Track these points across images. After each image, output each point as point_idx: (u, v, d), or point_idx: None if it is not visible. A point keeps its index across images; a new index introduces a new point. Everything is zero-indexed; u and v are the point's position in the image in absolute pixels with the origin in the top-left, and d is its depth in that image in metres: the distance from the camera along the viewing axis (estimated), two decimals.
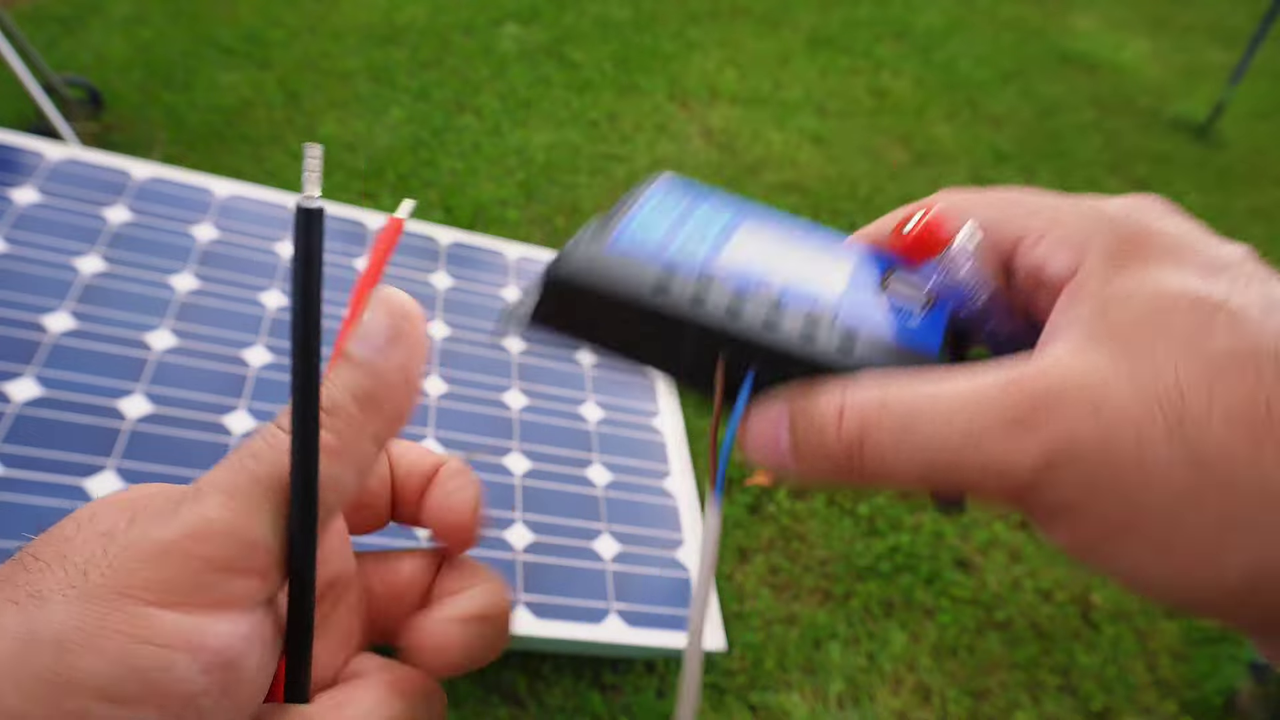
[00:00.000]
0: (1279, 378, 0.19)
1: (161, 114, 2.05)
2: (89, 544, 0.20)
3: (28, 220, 1.24)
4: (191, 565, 0.19)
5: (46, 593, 0.19)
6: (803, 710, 1.26)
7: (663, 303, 0.25)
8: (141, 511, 0.20)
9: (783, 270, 0.28)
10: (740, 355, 0.25)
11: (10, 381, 1.06)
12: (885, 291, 0.27)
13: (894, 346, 0.25)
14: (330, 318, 0.79)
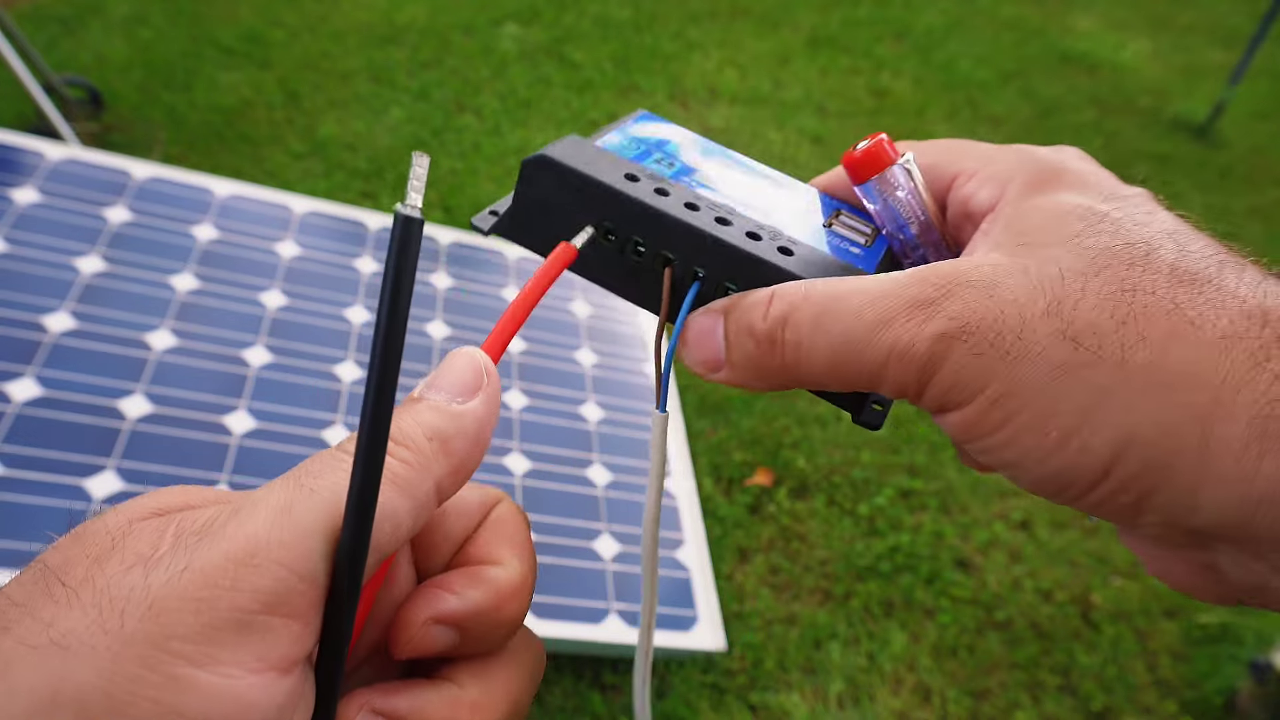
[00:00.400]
0: (1145, 268, 0.22)
1: (161, 114, 2.05)
2: (126, 572, 0.18)
3: (28, 220, 1.24)
4: (237, 602, 0.17)
5: (74, 639, 0.17)
6: (803, 710, 1.26)
7: (630, 190, 0.27)
8: (185, 530, 0.19)
9: (741, 195, 0.30)
10: (689, 250, 0.27)
11: (10, 381, 1.06)
12: (830, 227, 0.30)
13: (831, 259, 0.27)
14: (331, 318, 0.80)
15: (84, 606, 0.17)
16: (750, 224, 0.28)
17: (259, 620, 0.17)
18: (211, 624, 0.17)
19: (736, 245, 0.27)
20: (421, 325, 1.36)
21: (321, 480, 0.19)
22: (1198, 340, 0.20)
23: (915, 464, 1.62)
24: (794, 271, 0.26)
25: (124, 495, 1.01)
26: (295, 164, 1.99)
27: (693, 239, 0.27)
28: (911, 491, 1.57)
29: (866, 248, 0.29)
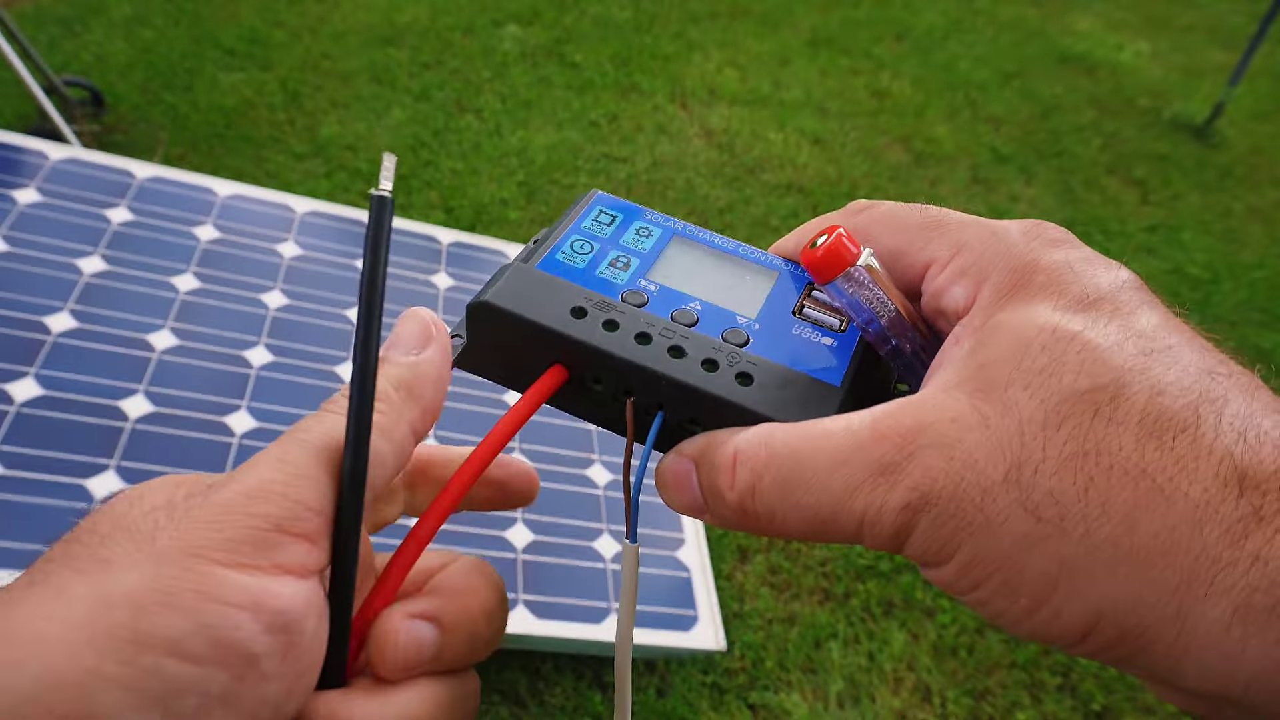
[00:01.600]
0: (1111, 418, 0.20)
1: (163, 114, 2.06)
2: (148, 515, 0.21)
3: (29, 220, 1.25)
4: (251, 523, 0.20)
5: (114, 558, 0.20)
6: (803, 710, 1.26)
7: (576, 332, 0.27)
8: (194, 486, 0.22)
9: (704, 287, 0.29)
10: (646, 388, 0.27)
11: (11, 381, 1.06)
12: (801, 313, 0.29)
13: (796, 375, 0.26)
14: (331, 318, 0.80)
15: (118, 540, 0.20)
16: (707, 346, 0.27)
17: (272, 536, 0.21)
18: (232, 538, 0.20)
19: (692, 385, 0.26)
20: None
21: (310, 432, 0.23)
22: (1168, 512, 0.19)
23: None
24: (754, 408, 0.25)
25: None
26: (296, 164, 1.99)
27: (647, 378, 0.26)
28: None
29: (841, 333, 0.28)
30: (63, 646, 0.19)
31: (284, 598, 0.20)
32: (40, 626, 0.19)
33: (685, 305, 0.28)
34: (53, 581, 0.20)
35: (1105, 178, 2.52)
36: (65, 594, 0.19)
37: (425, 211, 1.92)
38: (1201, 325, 0.24)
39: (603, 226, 0.31)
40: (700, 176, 2.23)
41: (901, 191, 2.30)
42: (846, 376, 0.27)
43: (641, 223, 0.32)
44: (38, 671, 0.19)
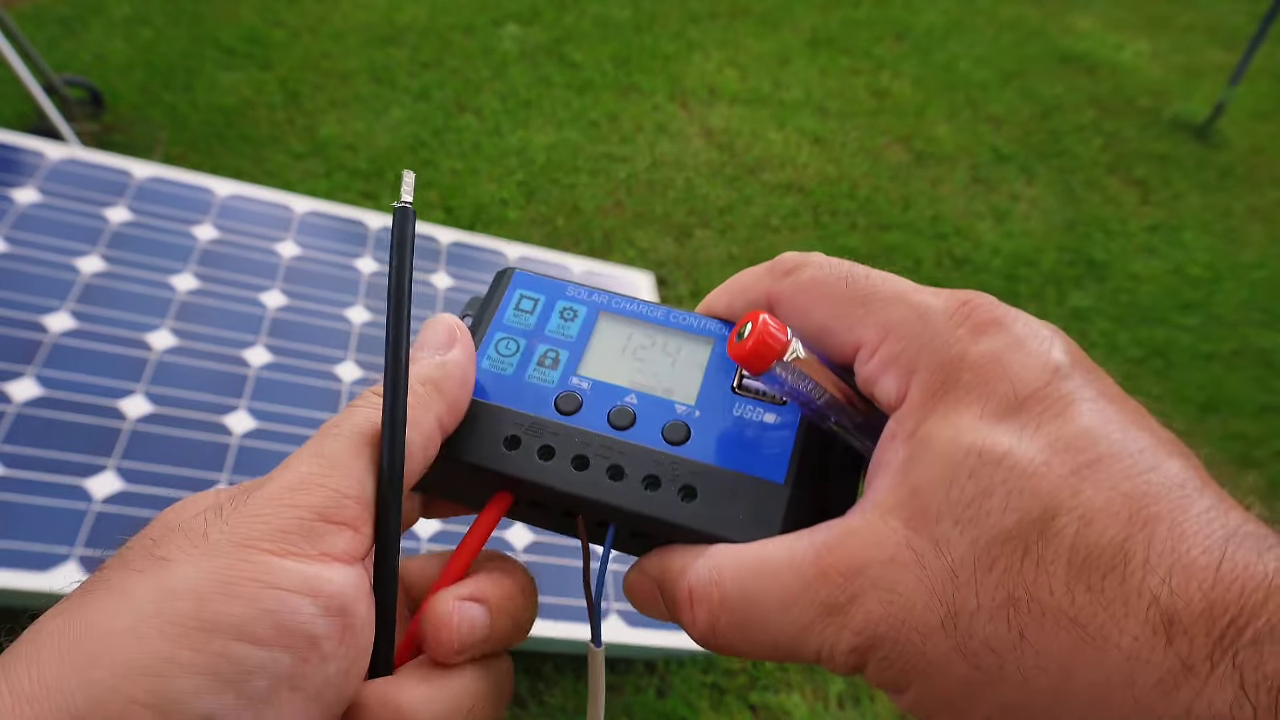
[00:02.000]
0: (1040, 558, 0.20)
1: (162, 114, 2.05)
2: (197, 517, 0.22)
3: (28, 220, 1.25)
4: (296, 513, 0.22)
5: (170, 556, 0.21)
6: (803, 710, 1.26)
7: (512, 468, 0.27)
8: (237, 490, 0.23)
9: (639, 373, 0.29)
10: (591, 511, 0.27)
11: (10, 381, 1.06)
12: (740, 388, 0.28)
13: (740, 481, 0.26)
14: (331, 318, 0.80)
15: (172, 541, 0.22)
16: (648, 460, 0.27)
17: (317, 525, 0.22)
18: (280, 529, 0.21)
19: (634, 510, 0.26)
20: (420, 325, 1.36)
21: (342, 426, 0.24)
22: (1101, 663, 0.19)
23: None
24: (700, 528, 0.25)
25: (124, 495, 1.01)
26: (296, 164, 1.99)
27: (589, 505, 0.27)
28: None
29: (782, 405, 0.28)
30: (134, 639, 0.20)
31: (336, 582, 0.22)
32: (108, 623, 0.20)
33: (621, 401, 0.28)
34: (114, 584, 0.21)
35: (1106, 177, 2.52)
36: (129, 593, 0.21)
37: (425, 211, 1.92)
38: (1201, 328, 0.23)
39: (525, 315, 0.30)
40: (700, 176, 2.23)
41: (902, 191, 2.30)
42: (791, 465, 0.27)
43: (565, 302, 0.31)
44: (114, 664, 0.20)
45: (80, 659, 0.20)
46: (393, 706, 0.23)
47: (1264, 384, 1.88)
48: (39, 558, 0.94)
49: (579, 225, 2.00)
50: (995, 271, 2.10)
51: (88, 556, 0.95)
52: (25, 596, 0.91)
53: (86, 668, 0.20)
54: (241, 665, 0.20)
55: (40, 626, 0.21)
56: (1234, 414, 1.81)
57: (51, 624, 0.21)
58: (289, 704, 0.21)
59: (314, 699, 0.22)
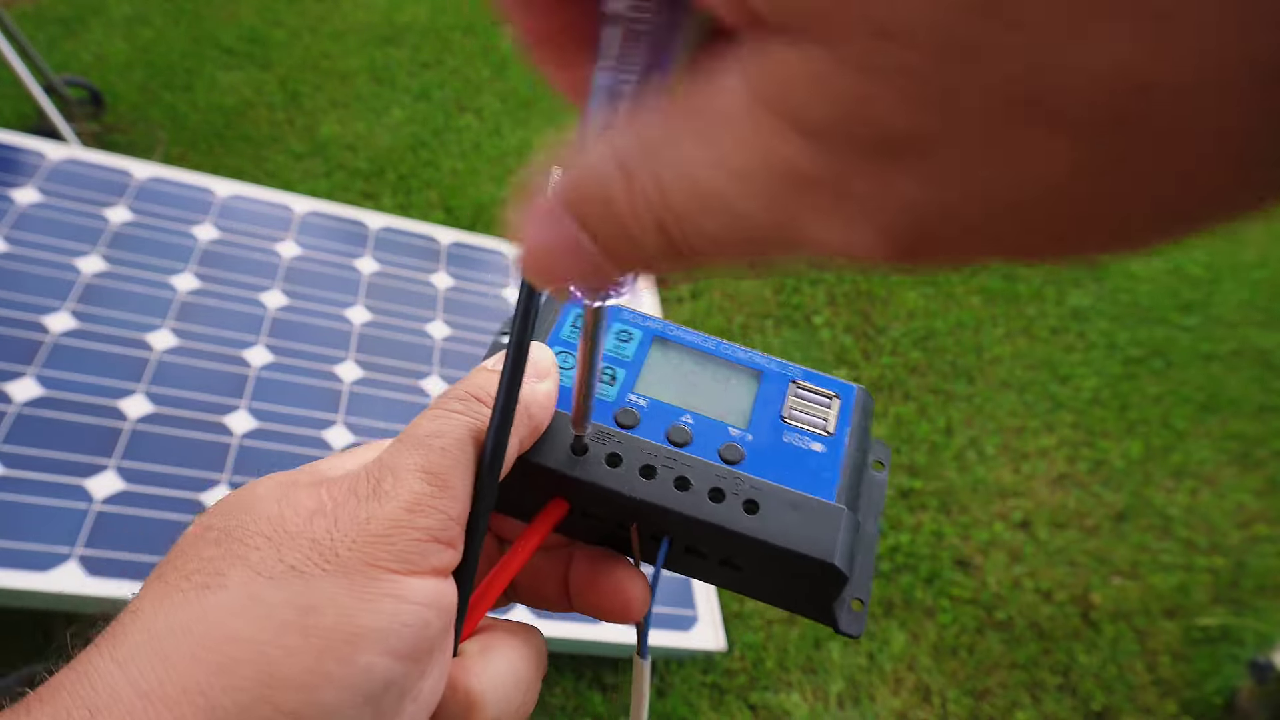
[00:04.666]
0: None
1: (162, 114, 2.05)
2: (309, 524, 0.23)
3: (28, 220, 1.25)
4: (416, 535, 0.23)
5: (301, 567, 0.22)
6: (803, 710, 1.26)
7: (582, 473, 0.27)
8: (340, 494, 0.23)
9: (693, 397, 0.30)
10: (653, 522, 0.27)
11: (11, 381, 1.06)
12: (788, 419, 0.30)
13: (797, 498, 0.27)
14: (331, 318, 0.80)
15: (290, 548, 0.22)
16: (710, 474, 0.27)
17: (429, 546, 0.23)
18: (403, 551, 0.22)
19: (702, 519, 0.27)
20: (422, 325, 1.36)
21: (444, 438, 0.25)
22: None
23: (915, 464, 1.62)
24: (765, 539, 0.26)
25: (125, 495, 1.01)
26: (296, 164, 1.99)
27: (655, 514, 0.27)
28: (911, 491, 1.57)
29: (828, 437, 0.30)
30: (281, 650, 0.20)
31: (448, 596, 0.23)
32: (246, 630, 0.20)
33: (678, 420, 0.29)
34: (235, 584, 0.21)
35: None
36: (262, 600, 0.21)
37: (425, 211, 1.92)
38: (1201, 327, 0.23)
39: (578, 332, 0.31)
40: None
41: None
42: (840, 490, 0.28)
43: (620, 325, 0.32)
44: (259, 673, 0.20)
45: (219, 662, 0.20)
46: (463, 691, 0.25)
47: (1264, 384, 1.88)
48: (39, 558, 0.94)
49: None
50: (994, 271, 2.10)
51: (88, 556, 0.95)
52: (25, 596, 0.92)
53: (227, 673, 0.20)
54: (382, 678, 0.21)
55: (148, 622, 0.21)
56: (1234, 414, 1.81)
57: (163, 619, 0.21)
58: (406, 714, 0.22)
59: (423, 706, 0.23)
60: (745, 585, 0.29)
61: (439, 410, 0.26)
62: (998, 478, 1.62)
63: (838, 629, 0.28)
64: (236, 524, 0.23)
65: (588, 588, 0.29)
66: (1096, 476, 1.65)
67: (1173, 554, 1.54)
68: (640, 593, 0.29)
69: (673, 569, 0.29)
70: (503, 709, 0.26)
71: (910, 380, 1.76)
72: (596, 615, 0.29)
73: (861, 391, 0.32)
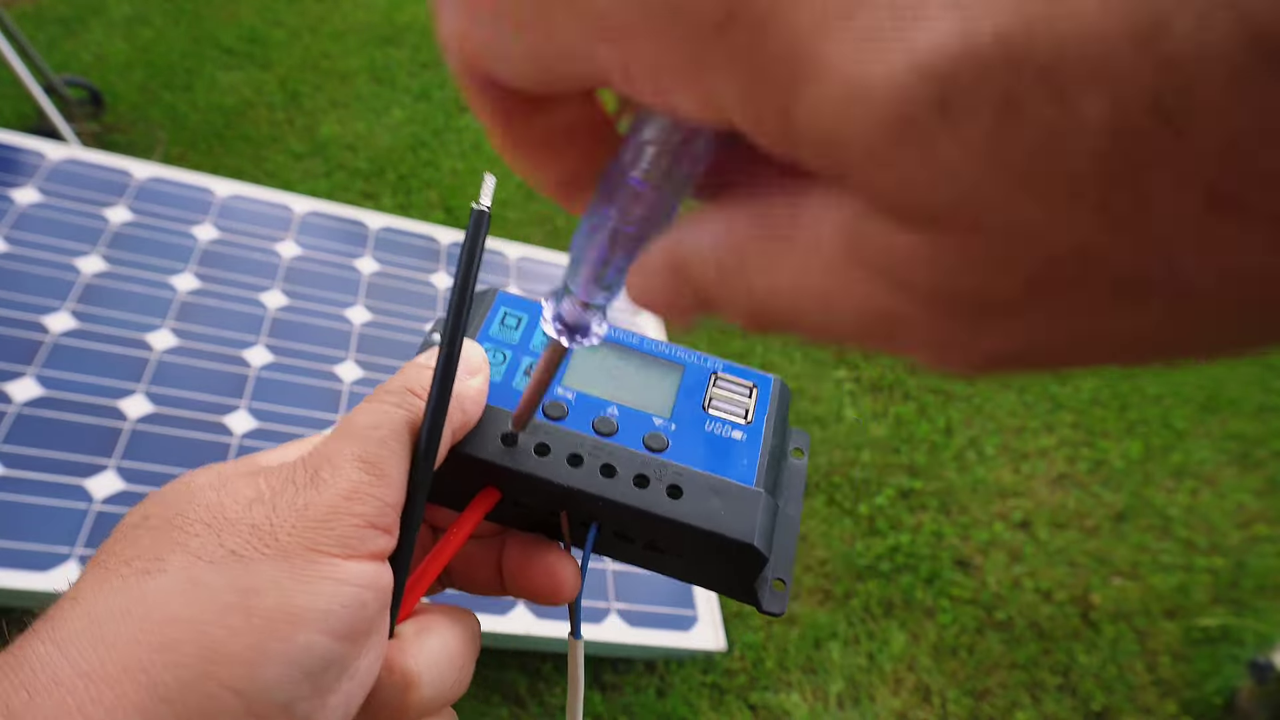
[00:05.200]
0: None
1: (162, 114, 2.05)
2: (248, 510, 0.23)
3: (28, 220, 1.25)
4: (354, 522, 0.23)
5: (241, 551, 0.22)
6: (803, 710, 1.26)
7: (512, 462, 0.28)
8: (276, 482, 0.24)
9: (618, 389, 0.31)
10: (582, 508, 0.28)
11: (11, 381, 1.06)
12: (710, 408, 0.31)
13: (719, 483, 0.29)
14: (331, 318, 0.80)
15: (230, 534, 0.23)
16: (635, 461, 0.29)
17: (367, 532, 0.24)
18: (341, 535, 0.23)
19: (628, 504, 0.28)
20: (422, 325, 1.36)
21: (381, 430, 0.25)
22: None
23: (915, 464, 1.62)
24: (687, 521, 0.27)
25: (125, 495, 1.01)
26: (296, 164, 1.99)
27: (583, 500, 0.28)
28: (911, 491, 1.57)
29: (747, 425, 0.31)
30: (221, 629, 0.21)
31: (384, 578, 0.24)
32: (186, 610, 0.21)
33: (604, 412, 0.30)
34: (175, 569, 0.22)
35: None
36: (202, 583, 0.22)
37: (425, 211, 1.92)
38: None
39: (510, 331, 0.33)
40: None
41: None
42: (759, 475, 0.29)
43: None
44: (201, 650, 0.21)
45: (159, 642, 0.20)
46: (399, 670, 0.26)
47: (1264, 384, 1.88)
48: (39, 558, 0.94)
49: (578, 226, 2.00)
50: None
51: (88, 556, 0.95)
52: (25, 596, 0.91)
53: (168, 651, 0.20)
54: (322, 657, 0.22)
55: (88, 607, 0.21)
56: (1234, 414, 1.81)
57: (103, 604, 0.21)
58: (344, 691, 0.23)
59: (360, 684, 0.24)
60: (671, 567, 0.30)
61: (375, 403, 0.27)
62: (998, 478, 1.62)
63: (760, 608, 0.29)
64: (175, 512, 0.23)
65: (520, 572, 0.30)
66: (1096, 476, 1.65)
67: (1173, 554, 1.54)
68: (571, 575, 0.30)
69: (602, 553, 0.30)
70: (438, 688, 0.27)
71: (910, 380, 1.76)
72: (529, 598, 0.30)
73: (778, 382, 0.33)
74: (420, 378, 0.28)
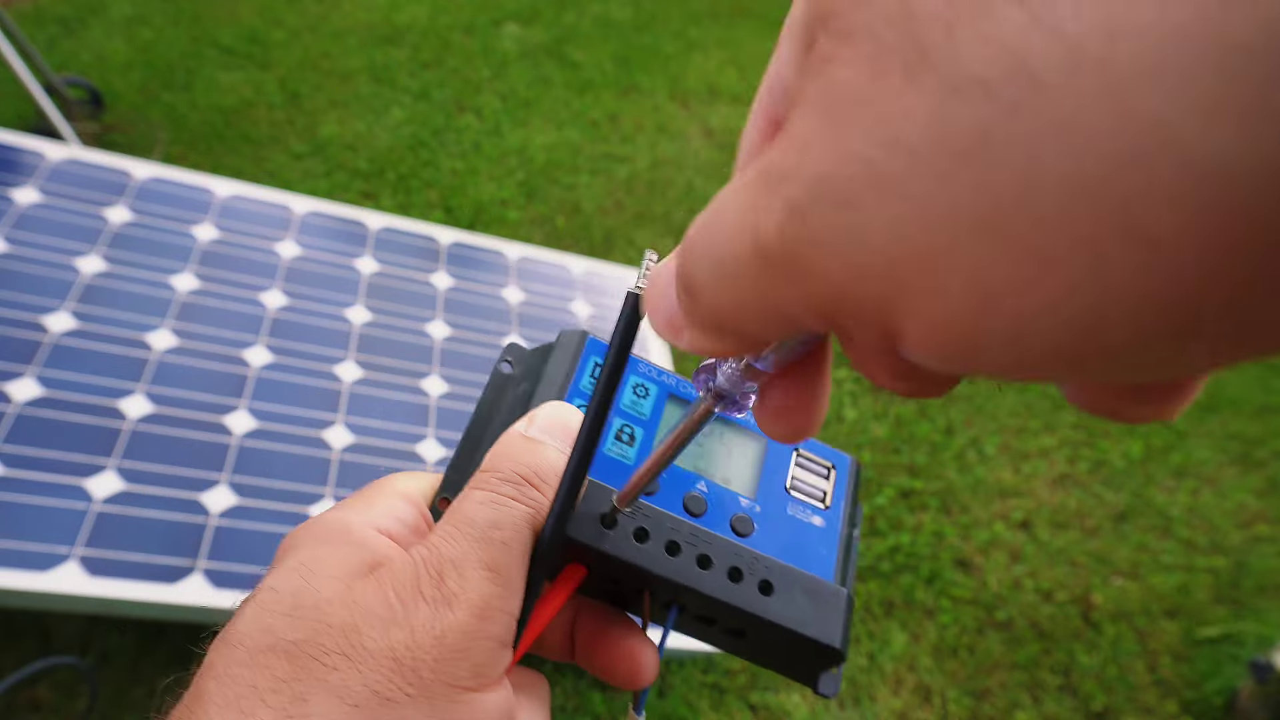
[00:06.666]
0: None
1: (162, 114, 2.05)
2: (385, 637, 0.23)
3: (28, 220, 1.24)
4: (486, 646, 0.23)
5: (390, 692, 0.22)
6: (803, 710, 1.26)
7: (611, 548, 0.27)
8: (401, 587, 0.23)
9: (705, 461, 0.31)
10: (673, 594, 0.28)
11: (11, 381, 1.06)
12: (791, 490, 0.31)
13: (806, 580, 0.29)
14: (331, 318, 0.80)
15: (371, 670, 0.22)
16: (729, 553, 0.28)
17: (498, 653, 0.24)
18: (477, 664, 0.23)
19: (721, 599, 0.28)
20: (422, 325, 1.36)
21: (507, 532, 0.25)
22: None
23: (915, 464, 1.62)
24: (777, 621, 0.28)
25: (124, 495, 1.01)
26: (296, 164, 1.99)
27: (678, 590, 0.28)
28: (911, 491, 1.57)
29: (825, 510, 0.31)
30: None
31: (512, 702, 0.24)
32: None
33: (693, 488, 0.30)
34: (319, 713, 0.22)
35: None
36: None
37: (425, 211, 1.92)
38: None
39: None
40: (700, 176, 2.23)
41: None
42: (837, 568, 0.30)
43: (637, 379, 0.32)
44: None
45: None
46: None
47: (1264, 384, 1.88)
48: (39, 558, 0.94)
49: (579, 225, 2.00)
50: None
51: (88, 556, 0.95)
52: (25, 597, 0.91)
53: None
54: None
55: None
56: (1234, 414, 1.81)
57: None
58: None
59: None
60: (744, 651, 0.31)
61: (493, 495, 0.25)
62: (998, 478, 1.62)
63: (816, 690, 0.30)
64: (307, 636, 0.23)
65: (598, 649, 0.29)
66: (1097, 476, 1.65)
67: (1173, 554, 1.54)
68: (652, 661, 0.29)
69: (677, 630, 0.30)
70: None
71: None
72: (602, 675, 0.29)
73: (854, 463, 0.33)
74: (534, 463, 0.26)
